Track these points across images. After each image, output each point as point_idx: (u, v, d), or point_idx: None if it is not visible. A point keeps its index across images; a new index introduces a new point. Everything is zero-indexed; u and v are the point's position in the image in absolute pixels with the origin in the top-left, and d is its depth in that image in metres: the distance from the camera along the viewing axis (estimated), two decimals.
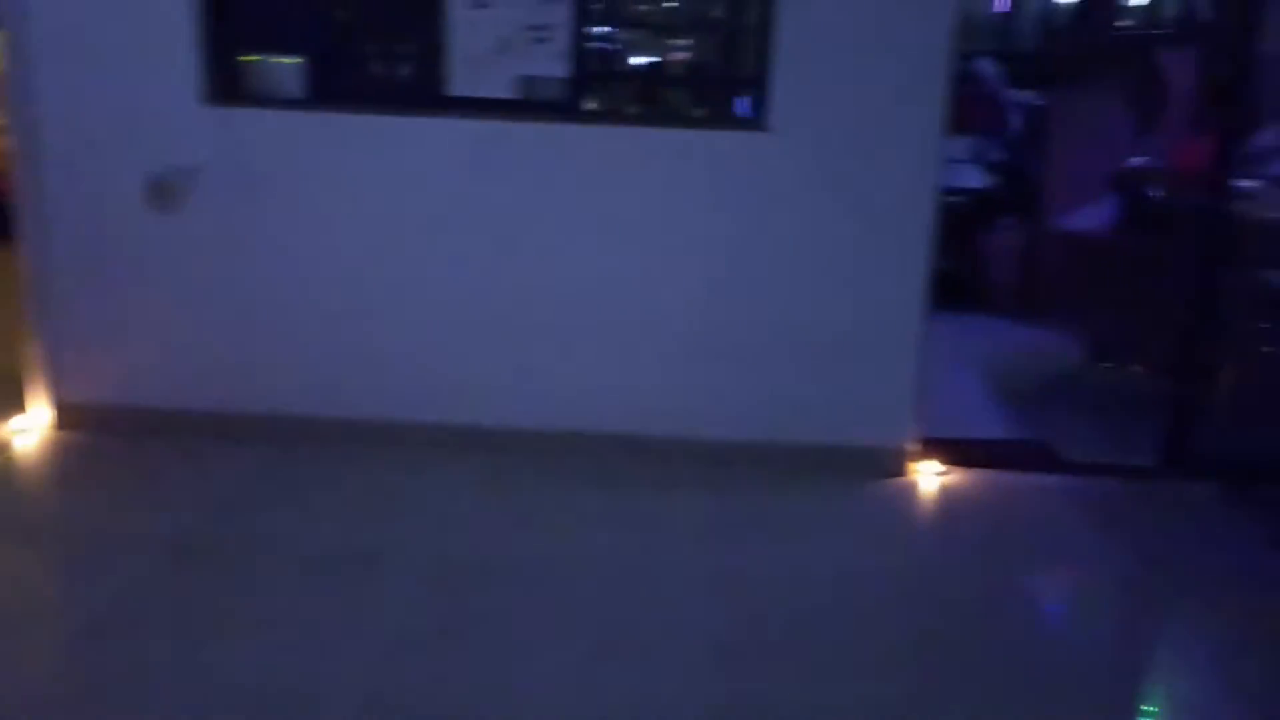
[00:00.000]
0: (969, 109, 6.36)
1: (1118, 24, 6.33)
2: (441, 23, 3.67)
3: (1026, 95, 6.63)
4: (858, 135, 3.70)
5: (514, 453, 3.97)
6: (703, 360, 3.94)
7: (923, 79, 3.64)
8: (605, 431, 3.98)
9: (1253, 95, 3.89)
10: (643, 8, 4.42)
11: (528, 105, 3.74)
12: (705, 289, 3.88)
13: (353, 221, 3.87)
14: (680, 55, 4.46)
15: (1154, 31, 6.59)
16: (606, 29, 4.28)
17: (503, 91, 3.72)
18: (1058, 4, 7.00)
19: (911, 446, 4.01)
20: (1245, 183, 4.39)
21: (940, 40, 3.62)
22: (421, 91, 3.74)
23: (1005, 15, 7.11)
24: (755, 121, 3.75)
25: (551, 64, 3.70)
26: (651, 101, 4.27)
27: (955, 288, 6.27)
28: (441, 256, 3.89)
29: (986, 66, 6.51)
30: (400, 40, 3.75)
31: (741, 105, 3.95)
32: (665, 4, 4.52)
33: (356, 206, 3.86)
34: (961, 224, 6.65)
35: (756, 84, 3.74)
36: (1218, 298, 4.03)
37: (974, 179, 6.97)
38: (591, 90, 3.93)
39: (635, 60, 4.52)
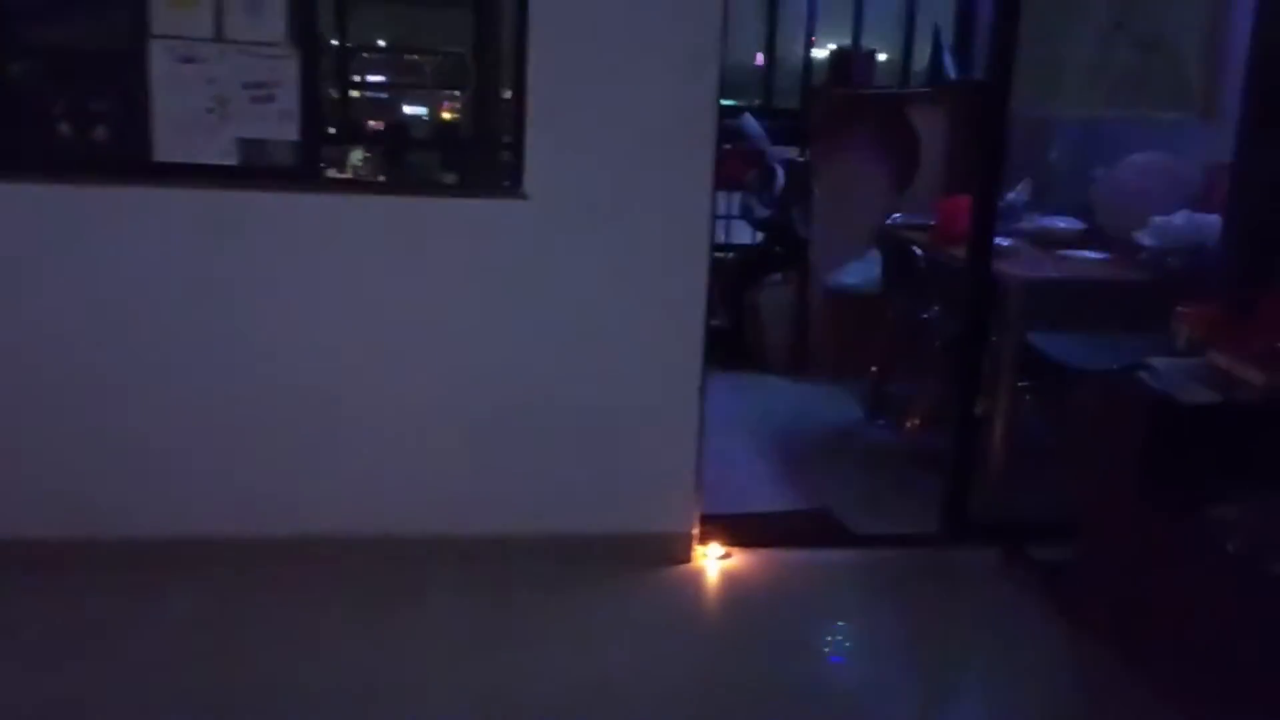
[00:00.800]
0: (736, 165, 6.28)
1: (874, 81, 6.41)
2: (143, 79, 3.20)
3: (790, 151, 6.62)
4: (624, 196, 3.46)
5: (246, 566, 3.47)
6: (464, 448, 3.58)
7: (690, 135, 3.44)
8: (351, 534, 3.55)
9: (1005, 153, 3.89)
10: (386, 62, 4.05)
11: (252, 172, 3.30)
12: (465, 372, 3.52)
13: (48, 313, 3.31)
14: (432, 115, 4.12)
15: (908, 89, 6.71)
16: (348, 85, 3.89)
17: (222, 158, 3.27)
18: (814, 60, 7.05)
19: (694, 528, 3.76)
20: (1003, 240, 4.41)
21: (707, 97, 3.44)
22: (123, 158, 3.24)
23: (765, 70, 7.11)
24: (512, 188, 3.44)
25: (278, 125, 3.29)
26: (399, 166, 3.90)
27: (727, 346, 6.15)
28: (156, 349, 3.38)
29: (751, 122, 6.46)
30: (94, 98, 3.24)
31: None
32: (409, 58, 4.17)
33: (47, 296, 3.30)
34: (732, 281, 6.56)
35: (512, 147, 3.44)
36: (981, 356, 3.99)
37: (743, 235, 6.91)
38: (330, 154, 3.54)
39: (381, 120, 4.15)
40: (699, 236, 3.52)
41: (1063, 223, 4.94)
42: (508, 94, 3.43)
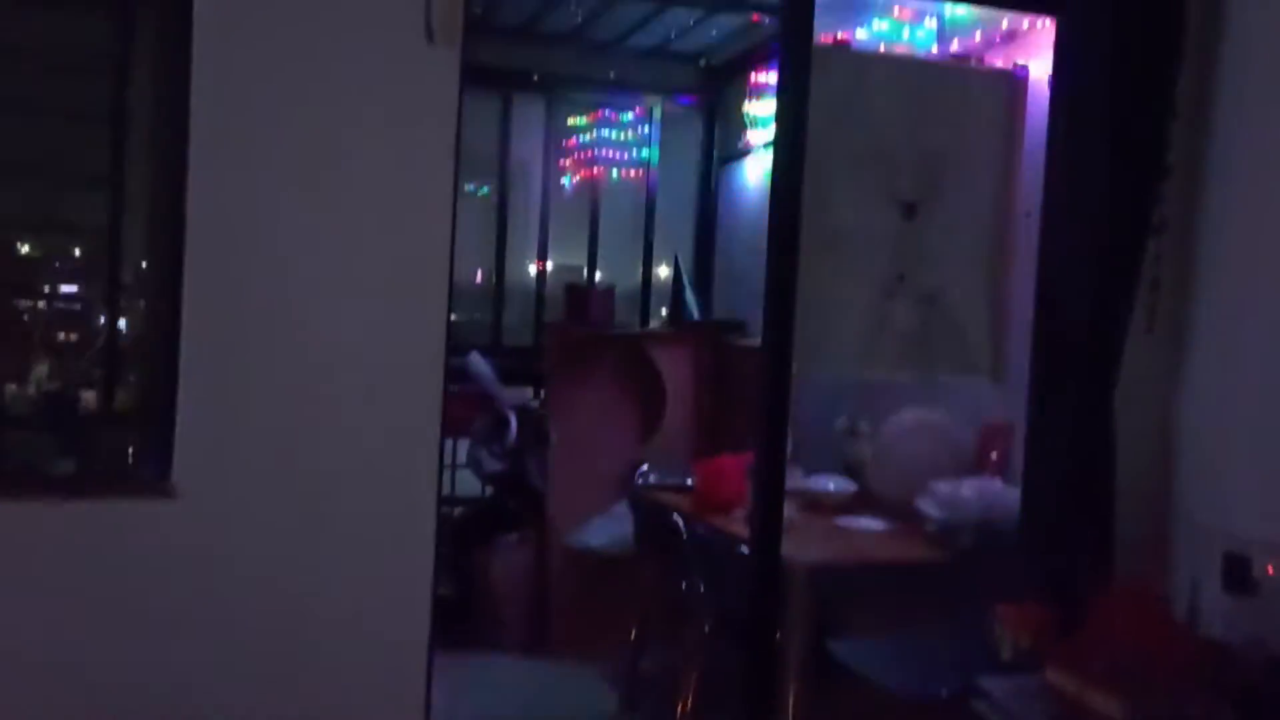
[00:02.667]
0: (463, 409, 5.50)
1: (614, 318, 5.88)
2: None
3: (523, 394, 5.93)
4: (330, 453, 2.59)
5: None
6: None
7: (412, 376, 2.65)
8: None
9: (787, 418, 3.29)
10: None
11: None
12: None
13: None
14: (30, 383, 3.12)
15: (651, 329, 6.23)
16: None
17: None
18: (545, 294, 6.48)
19: None
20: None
21: (434, 337, 2.68)
22: None
23: (495, 303, 6.46)
24: (157, 482, 2.49)
25: None
26: None
27: (452, 620, 5.20)
28: None
29: (479, 362, 5.73)
30: None
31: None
32: None
33: None
34: (458, 541, 5.66)
35: (154, 421, 2.51)
36: (771, 658, 3.27)
37: (470, 486, 6.07)
38: None
39: None
40: (423, 506, 2.73)
41: (833, 483, 4.43)
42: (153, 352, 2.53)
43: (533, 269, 6.55)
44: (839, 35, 3.24)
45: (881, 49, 4.13)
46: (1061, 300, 3.24)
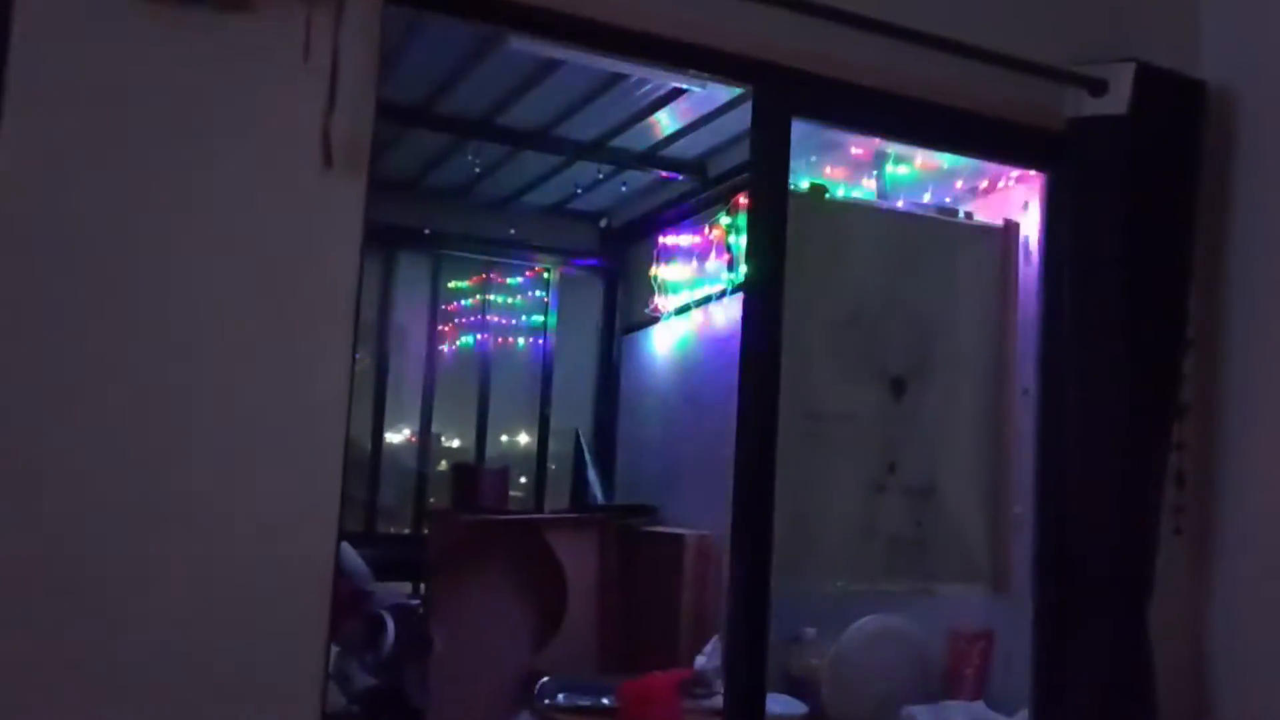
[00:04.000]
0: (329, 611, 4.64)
1: (509, 502, 5.18)
2: None
3: (400, 591, 5.12)
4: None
5: None
6: None
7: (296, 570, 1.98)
8: None
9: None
10: None
11: None
12: None
13: None
14: None
15: (550, 514, 5.52)
16: None
17: None
18: (428, 474, 5.73)
19: None
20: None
21: (324, 523, 2.02)
22: None
23: (369, 480, 5.67)
24: None
25: None
26: None
27: None
28: None
29: (350, 554, 4.90)
30: None
31: None
32: None
33: None
34: None
35: None
36: None
37: (337, 704, 5.14)
38: None
39: None
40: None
41: (778, 704, 3.75)
42: None
43: (414, 445, 5.79)
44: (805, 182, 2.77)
45: None
46: (1073, 498, 2.73)
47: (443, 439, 5.89)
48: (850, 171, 3.94)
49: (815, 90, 2.63)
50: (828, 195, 2.74)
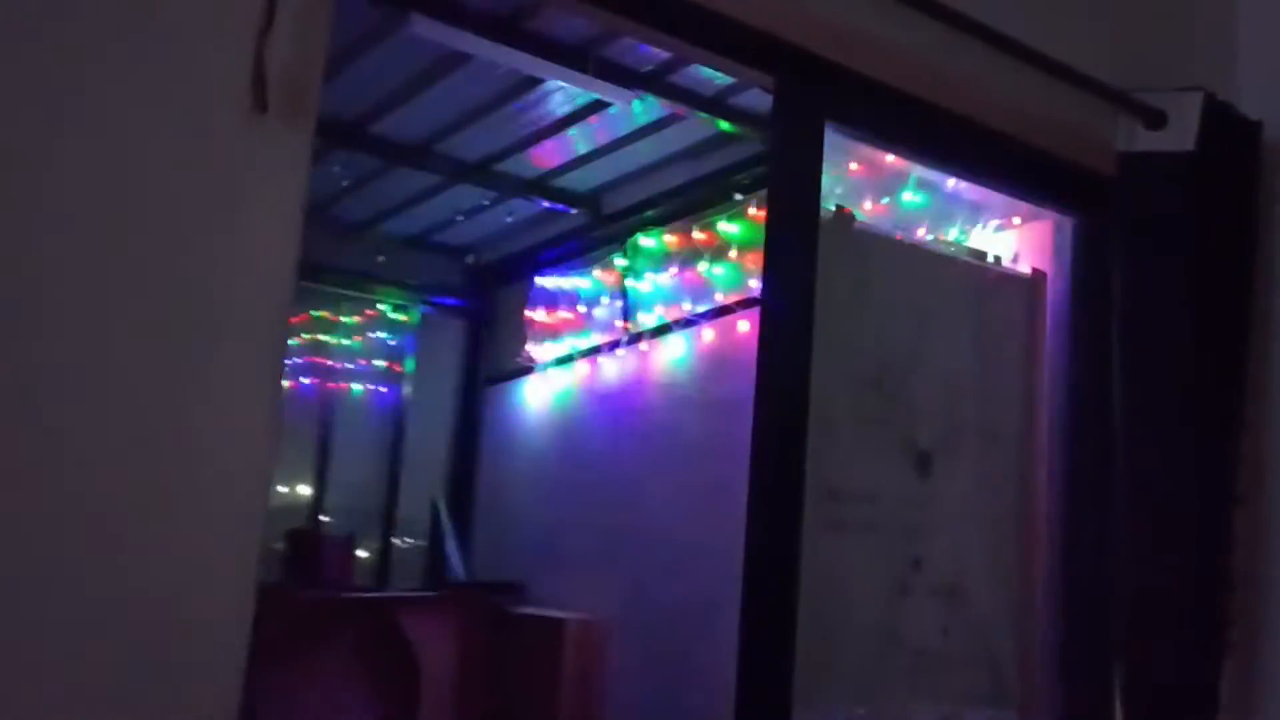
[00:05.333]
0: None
1: (354, 576, 4.41)
2: None
3: None
4: None
5: None
6: None
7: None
8: None
9: None
10: None
11: None
12: None
13: None
14: None
15: (403, 590, 4.74)
16: None
17: None
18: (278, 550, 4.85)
19: None
20: None
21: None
22: None
23: None
24: None
25: None
26: None
27: None
28: None
29: None
30: None
31: None
32: None
33: None
34: None
35: None
36: None
37: None
38: None
39: None
40: None
41: None
42: None
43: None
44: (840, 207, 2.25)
45: None
46: (1119, 607, 2.27)
47: (274, 502, 5.02)
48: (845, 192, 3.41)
49: (849, 89, 2.12)
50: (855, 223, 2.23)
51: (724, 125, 3.85)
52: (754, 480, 2.00)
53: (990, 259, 2.47)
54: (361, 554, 4.83)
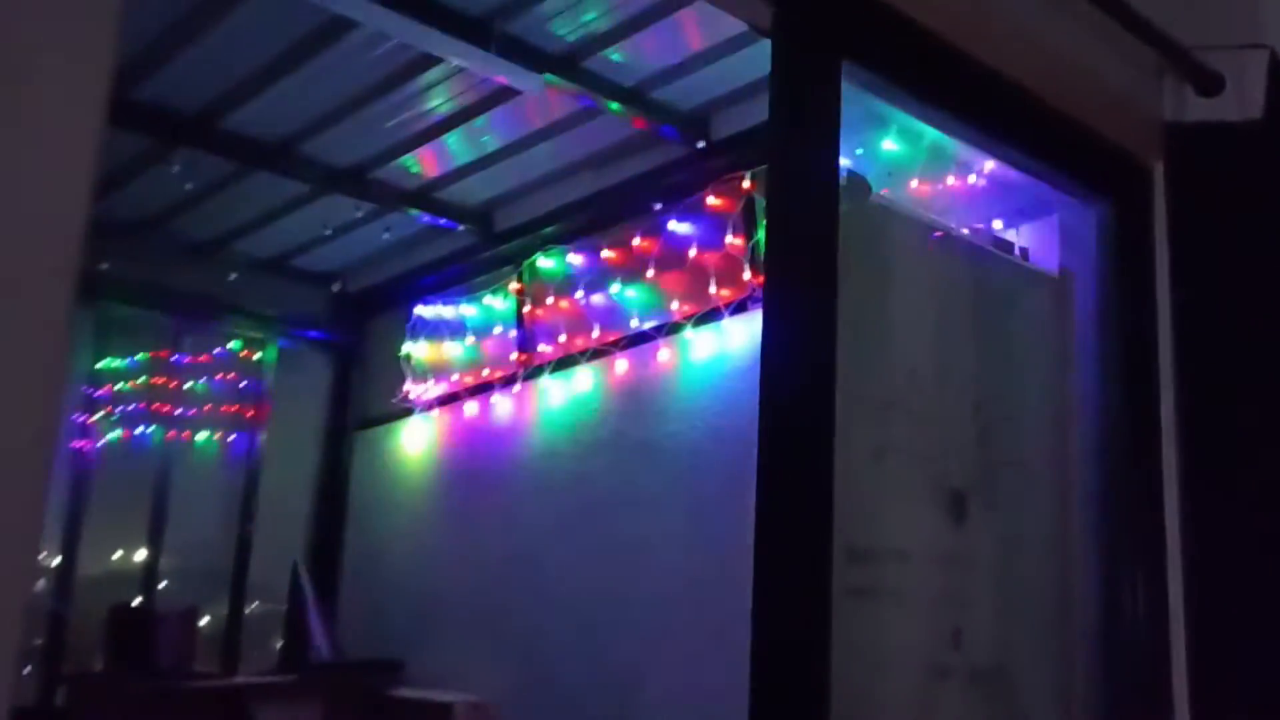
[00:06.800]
0: None
1: (195, 659, 3.67)
2: None
3: None
4: None
5: None
6: None
7: None
8: None
9: None
10: None
11: None
12: None
13: None
14: None
15: (257, 676, 3.99)
16: None
17: None
18: (66, 620, 4.03)
19: None
20: None
21: None
22: None
23: None
24: None
25: None
26: None
27: None
28: None
29: None
30: None
31: None
32: None
33: None
34: None
35: None
36: None
37: None
38: None
39: None
40: None
41: None
42: None
43: (47, 577, 4.07)
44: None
45: None
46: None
47: (96, 569, 4.19)
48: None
49: (871, 26, 1.62)
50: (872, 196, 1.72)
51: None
52: (762, 538, 1.46)
53: (1016, 252, 2.00)
54: (205, 620, 4.06)
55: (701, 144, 3.40)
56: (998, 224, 2.17)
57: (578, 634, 3.59)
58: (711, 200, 3.34)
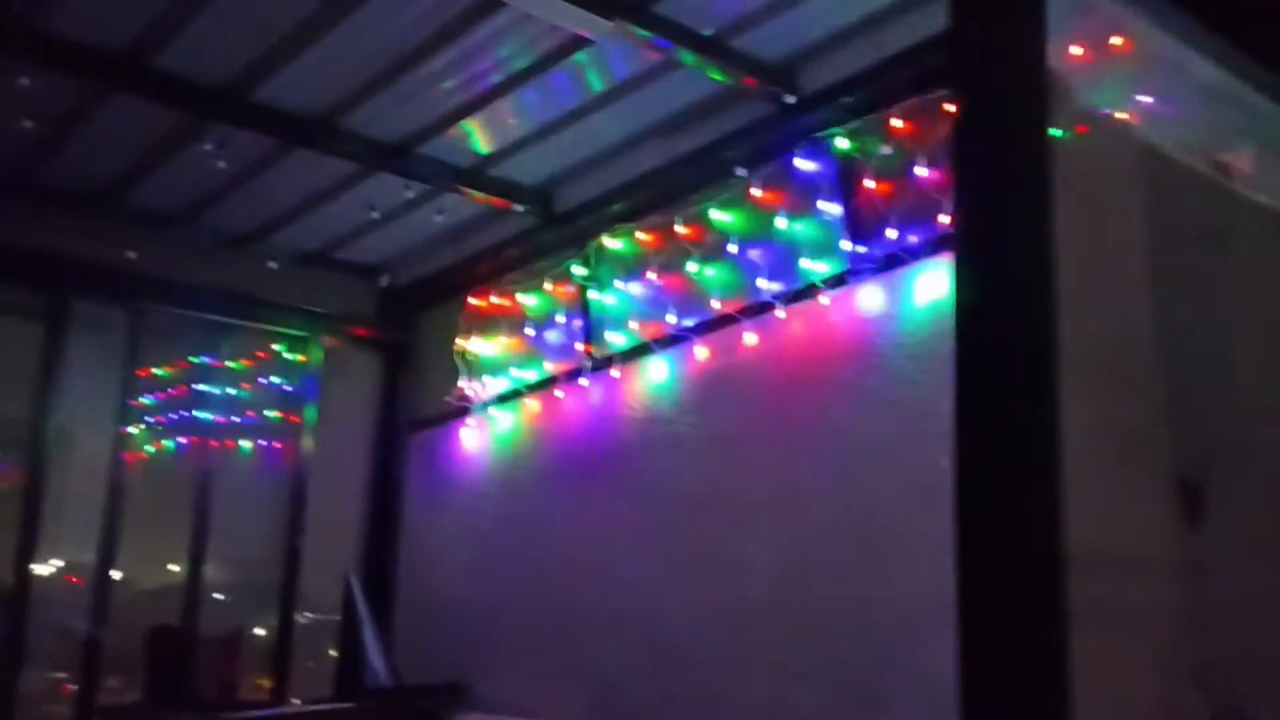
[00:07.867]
0: None
1: (240, 684, 3.35)
2: None
3: None
4: None
5: None
6: None
7: None
8: None
9: None
10: None
11: None
12: None
13: None
14: None
15: (311, 706, 3.67)
16: None
17: None
18: (101, 644, 3.72)
19: None
20: None
21: None
22: None
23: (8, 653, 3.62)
24: None
25: None
26: None
27: None
28: None
29: None
30: None
31: None
32: None
33: None
34: None
35: None
36: None
37: None
38: None
39: None
40: None
41: None
42: None
43: (82, 595, 3.75)
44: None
45: None
46: None
47: (131, 586, 3.89)
48: None
49: None
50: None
51: (716, 75, 2.96)
52: (964, 543, 1.08)
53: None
54: (254, 633, 3.73)
55: (791, 99, 3.01)
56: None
57: (655, 654, 3.23)
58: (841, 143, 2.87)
